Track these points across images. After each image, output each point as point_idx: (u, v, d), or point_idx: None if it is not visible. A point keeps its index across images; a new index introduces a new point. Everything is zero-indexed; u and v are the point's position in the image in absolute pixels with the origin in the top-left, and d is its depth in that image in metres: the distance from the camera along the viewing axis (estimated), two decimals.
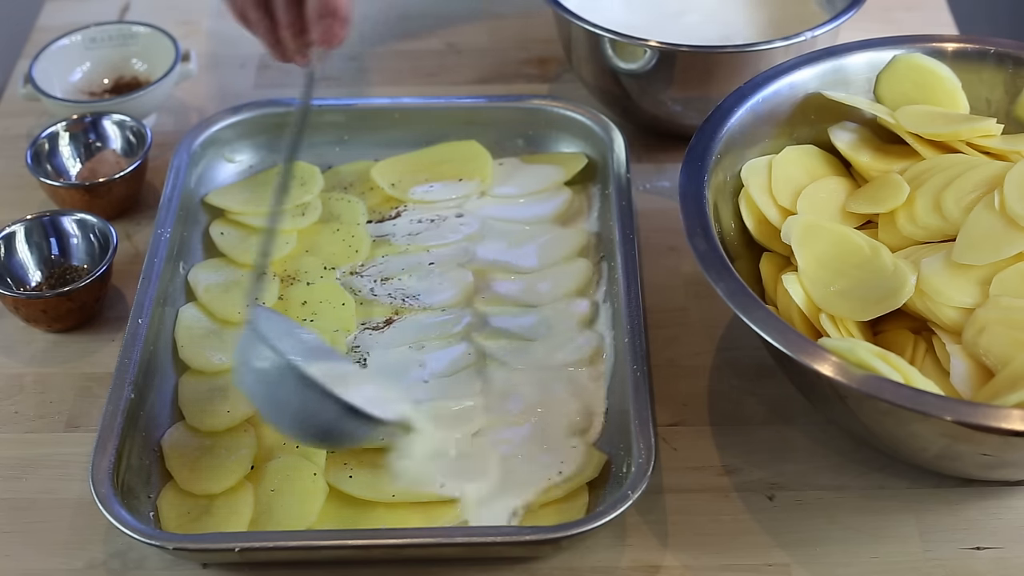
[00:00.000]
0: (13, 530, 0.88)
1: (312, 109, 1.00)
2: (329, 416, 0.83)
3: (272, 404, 0.85)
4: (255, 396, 0.86)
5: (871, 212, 0.92)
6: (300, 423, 0.84)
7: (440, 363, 0.96)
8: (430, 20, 1.33)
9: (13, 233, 1.02)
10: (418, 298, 1.00)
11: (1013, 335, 0.81)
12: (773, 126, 0.96)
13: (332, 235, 1.06)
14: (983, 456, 0.81)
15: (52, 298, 0.98)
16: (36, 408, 0.96)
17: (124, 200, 1.10)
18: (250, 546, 0.82)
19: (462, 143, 1.12)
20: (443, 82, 1.25)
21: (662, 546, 0.86)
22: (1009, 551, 0.86)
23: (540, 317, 0.99)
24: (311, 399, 0.83)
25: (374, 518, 0.87)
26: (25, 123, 1.20)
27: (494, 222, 1.07)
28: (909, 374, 0.78)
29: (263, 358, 0.84)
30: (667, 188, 1.12)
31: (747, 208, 0.93)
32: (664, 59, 1.07)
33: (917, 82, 0.97)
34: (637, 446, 0.85)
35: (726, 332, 0.99)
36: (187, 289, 1.01)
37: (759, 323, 0.80)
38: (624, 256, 0.98)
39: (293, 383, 0.83)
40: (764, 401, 0.95)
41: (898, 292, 0.84)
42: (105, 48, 1.22)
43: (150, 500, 0.88)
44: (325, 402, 0.82)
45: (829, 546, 0.86)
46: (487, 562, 0.86)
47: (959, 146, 0.94)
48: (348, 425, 0.83)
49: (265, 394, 0.85)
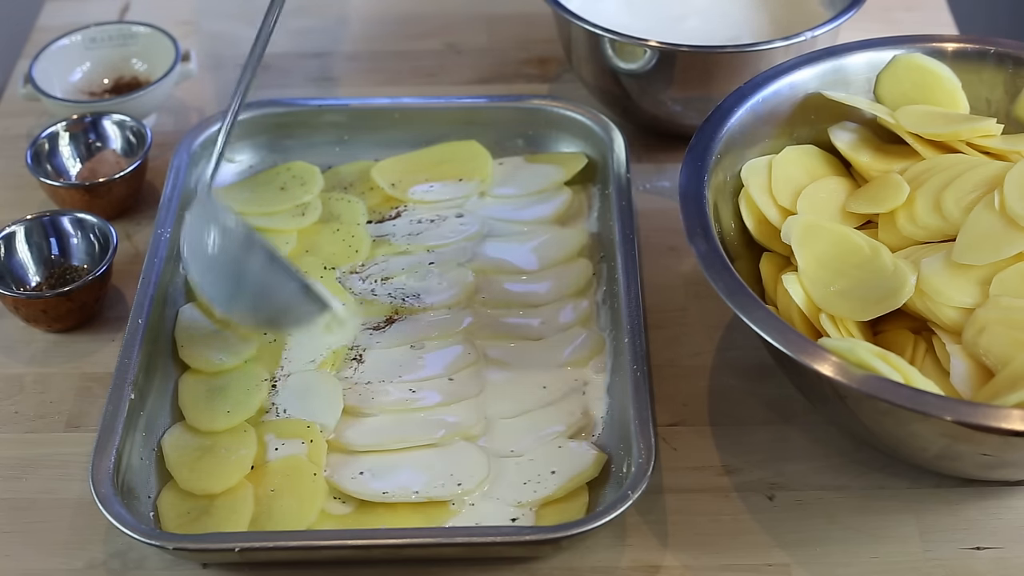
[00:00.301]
0: (13, 530, 0.88)
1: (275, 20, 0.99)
2: (284, 295, 0.84)
3: (225, 286, 0.86)
4: (207, 280, 0.86)
5: (871, 212, 0.92)
6: (254, 304, 0.85)
7: (440, 363, 0.96)
8: (430, 20, 1.33)
9: (13, 233, 1.02)
10: (418, 298, 1.00)
11: (1013, 335, 0.81)
12: (773, 126, 0.96)
13: (332, 235, 1.06)
14: (983, 456, 0.81)
15: (52, 298, 0.98)
16: (36, 408, 0.96)
17: (124, 200, 1.10)
18: (250, 546, 0.82)
19: (462, 143, 1.12)
20: (443, 82, 1.25)
21: (662, 546, 0.86)
22: (1009, 551, 0.86)
23: (540, 317, 0.99)
24: (271, 277, 0.83)
25: (374, 518, 0.87)
26: (25, 123, 1.20)
27: (494, 222, 1.07)
28: (909, 374, 0.78)
29: (227, 236, 0.85)
30: (667, 188, 1.12)
31: (747, 208, 0.93)
32: (664, 59, 1.07)
33: (917, 82, 0.97)
34: (637, 446, 0.85)
35: (726, 332, 0.99)
36: (187, 289, 1.01)
37: (759, 323, 0.80)
38: (624, 256, 0.98)
39: (256, 261, 0.84)
40: (764, 401, 0.95)
41: (898, 292, 0.84)
42: (105, 48, 1.22)
43: (150, 500, 0.88)
44: (284, 279, 0.83)
45: (829, 546, 0.86)
46: (487, 562, 0.86)
47: (959, 146, 0.94)
48: (299, 307, 0.86)
49: (220, 276, 0.86)
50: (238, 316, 0.92)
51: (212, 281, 0.92)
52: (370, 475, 0.88)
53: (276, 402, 0.93)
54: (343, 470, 0.89)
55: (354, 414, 0.93)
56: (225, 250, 0.88)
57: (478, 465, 0.89)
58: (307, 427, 0.91)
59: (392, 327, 0.99)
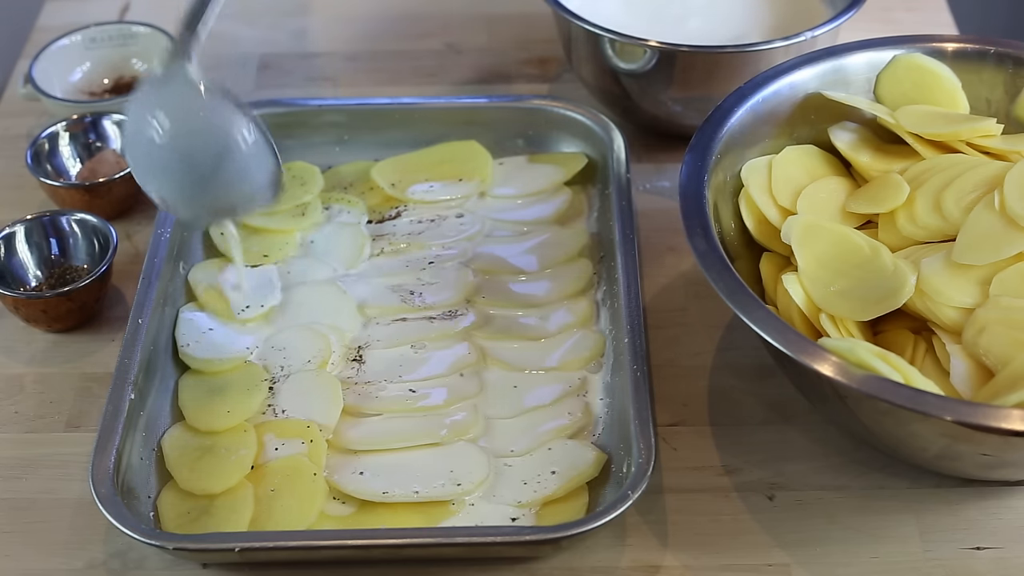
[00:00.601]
0: (13, 530, 0.88)
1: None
2: (256, 170, 0.78)
3: (176, 168, 0.79)
4: (154, 163, 0.80)
5: (871, 212, 0.92)
6: (210, 182, 0.78)
7: (440, 363, 0.96)
8: (430, 20, 1.33)
9: (13, 233, 1.02)
10: (418, 298, 1.00)
11: (1013, 335, 0.81)
12: (773, 126, 0.96)
13: (332, 235, 1.06)
14: (983, 456, 0.81)
15: (52, 298, 0.98)
16: (36, 408, 0.96)
17: (124, 200, 1.10)
18: (250, 546, 0.82)
19: (462, 143, 1.12)
20: (443, 82, 1.25)
21: (662, 546, 0.86)
22: (1009, 551, 0.86)
23: (540, 317, 0.99)
24: (246, 150, 0.78)
25: (374, 518, 0.87)
26: (25, 123, 1.20)
27: (494, 222, 1.07)
28: (909, 374, 0.78)
29: (194, 106, 0.77)
30: (667, 188, 1.12)
31: (747, 208, 0.93)
32: (664, 59, 1.07)
33: (917, 82, 0.97)
34: (637, 446, 0.85)
35: (726, 332, 0.99)
36: (187, 289, 1.01)
37: (759, 323, 0.80)
38: (624, 256, 0.98)
39: (231, 132, 0.78)
40: (764, 401, 0.95)
41: (898, 292, 0.84)
42: (105, 48, 1.22)
43: (150, 500, 0.88)
44: (265, 151, 0.78)
45: (829, 546, 0.86)
46: (487, 562, 0.86)
47: (959, 146, 0.94)
48: (265, 183, 0.79)
49: (172, 158, 0.79)
50: (184, 202, 0.84)
51: (158, 165, 0.83)
52: (370, 475, 0.88)
53: (276, 402, 0.93)
54: (343, 470, 0.89)
55: (354, 414, 0.93)
56: (188, 124, 0.79)
57: (478, 465, 0.89)
58: (307, 427, 0.91)
59: (392, 327, 0.99)
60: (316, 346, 0.96)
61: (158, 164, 0.82)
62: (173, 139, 0.80)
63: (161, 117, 0.79)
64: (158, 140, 0.80)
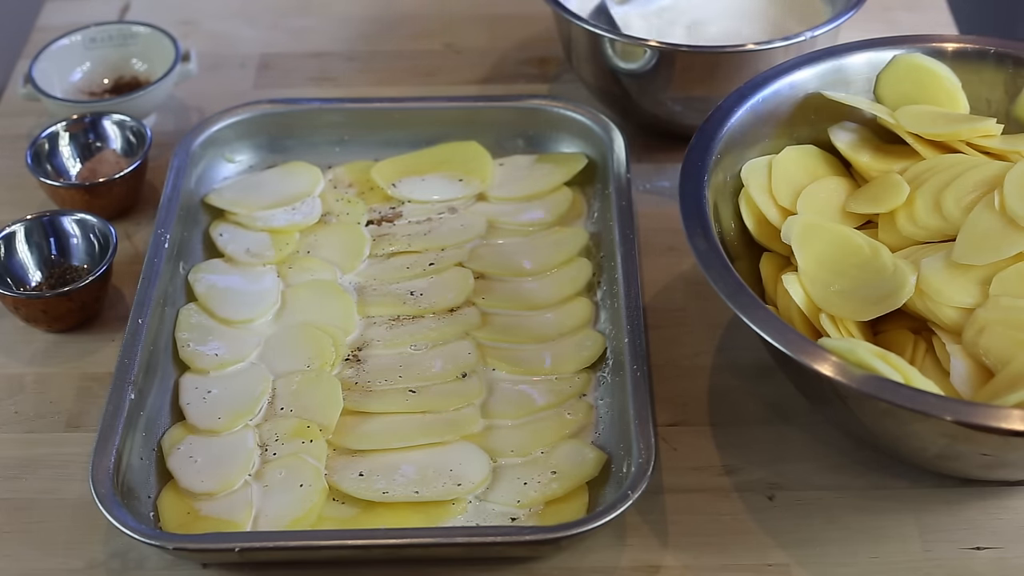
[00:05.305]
0: (13, 530, 0.88)
1: None
2: None
3: None
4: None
5: (871, 212, 0.92)
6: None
7: (440, 363, 0.96)
8: (430, 20, 1.33)
9: (13, 233, 1.02)
10: (418, 298, 1.00)
11: (1013, 335, 0.81)
12: (773, 126, 0.96)
13: (332, 235, 1.06)
14: (983, 456, 0.81)
15: (52, 298, 0.98)
16: (36, 408, 0.96)
17: (124, 200, 1.10)
18: (250, 546, 0.82)
19: (462, 143, 1.12)
20: (443, 82, 1.25)
21: (662, 546, 0.86)
22: (1009, 551, 0.86)
23: (540, 317, 0.99)
24: None
25: (374, 518, 0.87)
26: (25, 123, 1.20)
27: (494, 222, 1.07)
28: (909, 374, 0.78)
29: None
30: (667, 188, 1.12)
31: (747, 208, 0.93)
32: (664, 59, 1.07)
33: (917, 82, 0.97)
34: (637, 446, 0.85)
35: (726, 332, 1.00)
36: (187, 289, 1.01)
37: (759, 323, 0.80)
38: (624, 256, 0.98)
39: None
40: (764, 401, 0.95)
41: (898, 292, 0.84)
42: (105, 48, 1.22)
43: (150, 500, 0.88)
44: None
45: (829, 546, 0.86)
46: (487, 562, 0.86)
47: (959, 146, 0.94)
48: None
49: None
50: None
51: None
52: (370, 475, 0.88)
53: (276, 402, 0.93)
54: (343, 470, 0.89)
55: (354, 414, 0.93)
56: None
57: (478, 465, 0.89)
58: (307, 427, 0.91)
59: (392, 327, 0.99)
60: (316, 346, 0.96)
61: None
62: None
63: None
64: None
